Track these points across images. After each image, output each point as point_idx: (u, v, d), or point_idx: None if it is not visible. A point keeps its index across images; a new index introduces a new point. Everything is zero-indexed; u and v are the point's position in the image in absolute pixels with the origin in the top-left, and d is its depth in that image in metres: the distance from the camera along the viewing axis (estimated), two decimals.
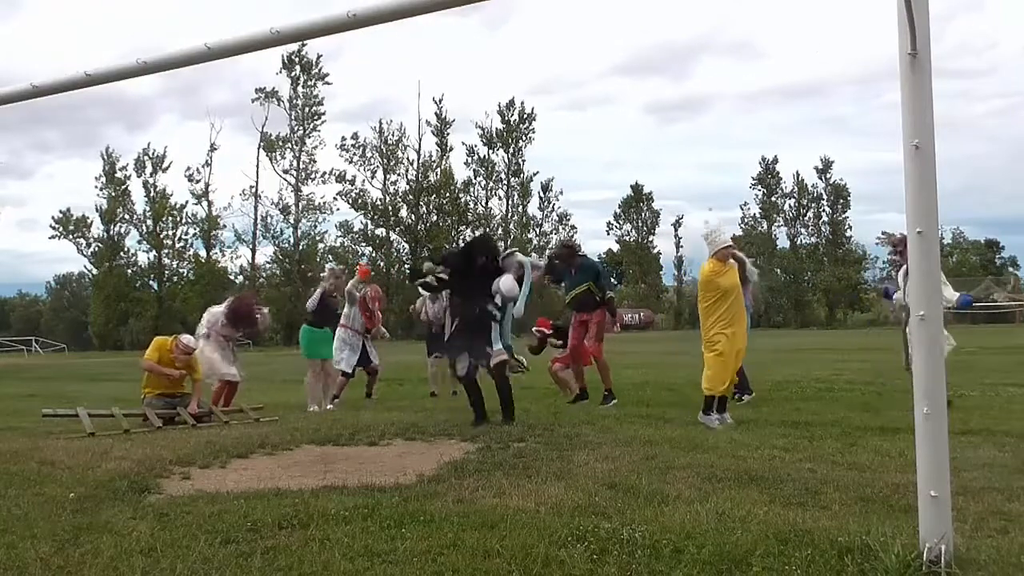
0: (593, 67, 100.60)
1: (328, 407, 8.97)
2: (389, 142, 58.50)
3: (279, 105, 56.09)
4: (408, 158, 59.51)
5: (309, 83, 56.42)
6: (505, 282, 6.89)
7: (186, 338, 7.96)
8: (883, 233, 68.31)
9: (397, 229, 59.29)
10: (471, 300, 7.04)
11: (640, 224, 73.84)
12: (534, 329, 9.52)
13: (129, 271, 58.25)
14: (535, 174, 63.97)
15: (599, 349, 8.49)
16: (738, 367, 7.10)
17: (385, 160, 58.56)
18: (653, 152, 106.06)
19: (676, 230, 73.05)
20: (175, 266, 58.61)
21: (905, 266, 6.67)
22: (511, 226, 63.03)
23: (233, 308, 8.77)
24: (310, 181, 57.18)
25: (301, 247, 56.95)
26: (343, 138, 58.78)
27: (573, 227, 66.64)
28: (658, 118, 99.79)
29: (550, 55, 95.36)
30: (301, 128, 56.52)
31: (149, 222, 57.14)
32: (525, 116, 63.05)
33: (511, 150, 63.13)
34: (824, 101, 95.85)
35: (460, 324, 7.12)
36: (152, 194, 57.07)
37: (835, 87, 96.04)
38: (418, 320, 10.89)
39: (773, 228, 69.27)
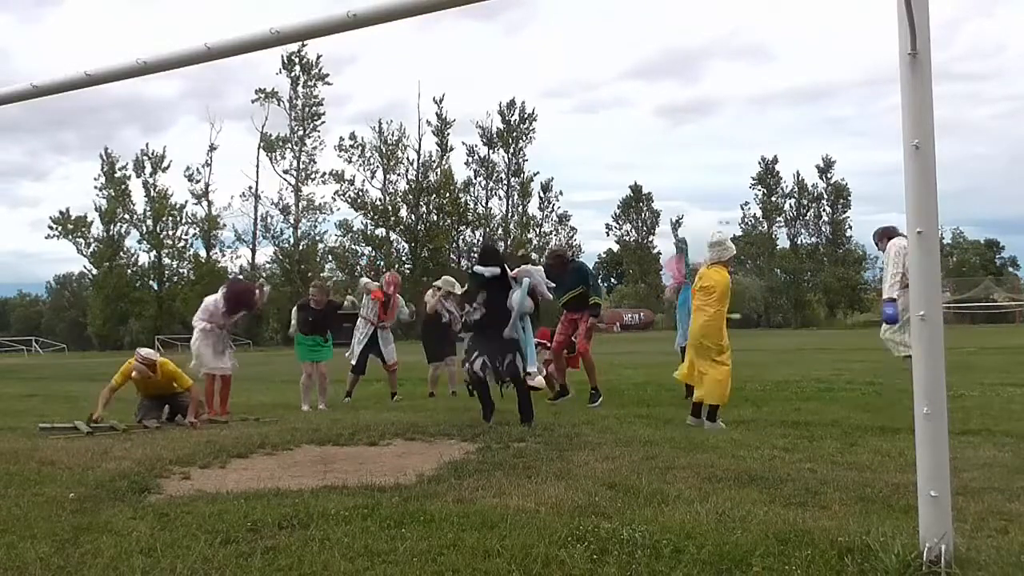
0: (608, 71, 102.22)
1: (321, 407, 9.02)
2: (389, 142, 58.57)
3: (279, 105, 56.21)
4: (408, 158, 59.61)
5: (309, 83, 56.49)
6: (517, 298, 6.93)
7: (142, 351, 7.85)
8: None
9: (397, 229, 59.29)
10: (496, 307, 6.98)
11: (640, 224, 73.97)
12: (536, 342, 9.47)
13: (129, 271, 58.27)
14: (535, 174, 64.09)
15: (586, 347, 8.56)
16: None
17: (385, 160, 58.58)
18: (657, 153, 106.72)
19: (676, 230, 73.23)
20: (175, 266, 58.70)
21: None
22: (511, 226, 63.03)
23: (230, 291, 8.78)
24: (310, 181, 57.31)
25: (301, 247, 56.98)
26: (341, 138, 58.91)
27: (573, 228, 66.82)
28: (667, 120, 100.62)
29: (566, 59, 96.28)
30: (301, 128, 56.56)
31: (149, 222, 57.17)
32: (526, 116, 63.13)
33: (511, 150, 63.16)
34: (829, 103, 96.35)
35: (482, 329, 7.05)
36: (152, 194, 57.11)
37: (841, 89, 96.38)
38: (426, 314, 10.86)
39: (773, 228, 69.33)
